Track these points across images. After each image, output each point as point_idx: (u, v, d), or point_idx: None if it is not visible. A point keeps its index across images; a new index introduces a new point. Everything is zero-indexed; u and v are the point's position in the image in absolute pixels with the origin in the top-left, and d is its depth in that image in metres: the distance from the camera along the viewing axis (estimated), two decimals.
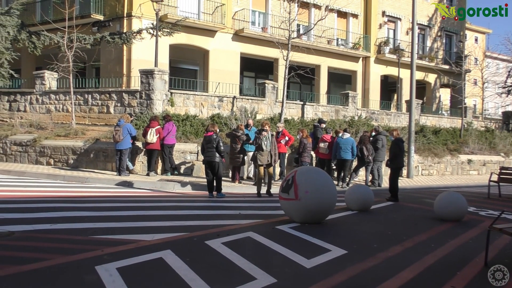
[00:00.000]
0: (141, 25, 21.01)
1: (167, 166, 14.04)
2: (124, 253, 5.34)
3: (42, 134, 16.41)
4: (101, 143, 15.00)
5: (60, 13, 19.44)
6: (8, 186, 11.13)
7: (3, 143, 16.45)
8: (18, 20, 20.06)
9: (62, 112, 18.69)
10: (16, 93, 20.01)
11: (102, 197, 10.23)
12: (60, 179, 13.10)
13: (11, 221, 6.94)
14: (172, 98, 17.60)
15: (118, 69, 21.71)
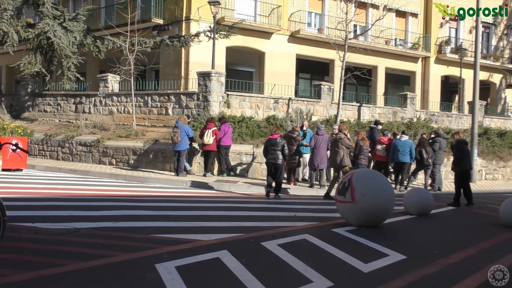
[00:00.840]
0: (199, 28, 21.43)
1: (223, 167, 14.24)
2: (183, 252, 5.47)
3: (105, 135, 17.09)
4: (160, 144, 15.43)
5: (123, 18, 20.16)
6: (74, 185, 11.68)
7: (69, 143, 17.28)
8: (84, 26, 21.02)
9: (124, 113, 19.37)
10: (81, 95, 20.94)
11: (161, 197, 10.52)
12: (121, 178, 13.59)
13: (77, 218, 7.27)
14: (229, 100, 17.82)
15: (176, 71, 22.24)
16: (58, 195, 9.80)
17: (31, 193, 9.88)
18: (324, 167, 13.31)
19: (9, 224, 5.32)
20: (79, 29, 20.66)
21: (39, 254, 5.15)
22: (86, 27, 21.32)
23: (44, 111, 22.15)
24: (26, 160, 14.34)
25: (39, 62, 20.26)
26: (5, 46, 19.84)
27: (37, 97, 22.69)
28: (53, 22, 19.95)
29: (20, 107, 23.11)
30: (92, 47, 21.16)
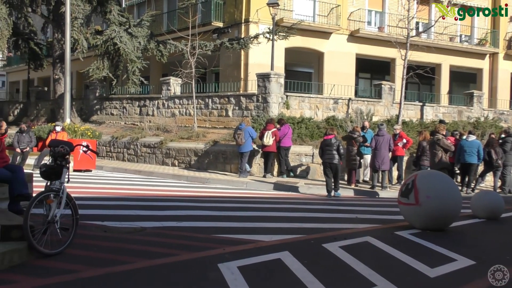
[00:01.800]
0: (258, 30, 21.59)
1: (283, 168, 14.27)
2: (244, 253, 5.54)
3: (168, 136, 17.59)
4: (221, 146, 15.69)
5: (184, 22, 20.66)
6: (139, 185, 12.11)
7: (134, 145, 17.93)
8: (147, 31, 21.77)
9: (185, 115, 19.86)
10: (145, 98, 21.69)
11: (222, 198, 10.70)
12: (184, 179, 13.94)
13: (143, 217, 7.55)
14: (288, 101, 17.83)
15: (236, 73, 22.52)
16: (125, 195, 10.21)
17: (100, 192, 10.35)
18: (386, 168, 13.02)
19: (80, 222, 5.62)
20: (143, 34, 21.42)
21: (109, 252, 5.39)
22: (149, 33, 22.06)
23: (111, 114, 23.12)
24: (95, 161, 15.04)
25: (107, 67, 21.19)
26: (75, 53, 20.89)
27: (104, 101, 23.73)
28: (119, 28, 20.80)
29: (89, 110, 24.25)
30: (155, 51, 21.87)
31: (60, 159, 5.53)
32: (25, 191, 6.91)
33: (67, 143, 5.77)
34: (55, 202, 5.26)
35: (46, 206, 5.33)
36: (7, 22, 20.00)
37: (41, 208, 5.34)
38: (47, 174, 5.51)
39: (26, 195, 6.87)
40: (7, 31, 20.12)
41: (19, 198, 6.83)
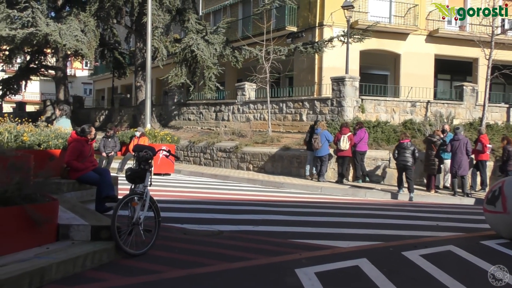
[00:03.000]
0: (332, 33, 21.42)
1: (359, 173, 14.02)
2: (321, 258, 5.52)
3: (243, 141, 17.87)
4: (295, 150, 15.70)
5: (258, 28, 20.95)
6: (216, 189, 12.40)
7: (210, 149, 18.39)
8: (223, 38, 22.29)
9: (260, 120, 20.08)
10: (221, 103, 22.18)
11: (297, 202, 10.70)
12: (258, 183, 14.08)
13: (220, 221, 7.73)
14: (363, 105, 17.51)
15: (310, 77, 22.46)
16: (202, 198, 10.49)
17: (179, 196, 10.71)
18: (464, 173, 12.44)
19: (161, 224, 5.86)
20: (219, 41, 21.95)
21: (189, 253, 5.57)
22: (225, 39, 22.58)
23: (188, 119, 23.86)
24: (173, 165, 15.59)
25: (184, 74, 21.92)
26: (156, 61, 21.82)
27: (182, 107, 24.54)
28: (197, 36, 21.46)
29: (167, 116, 25.19)
30: (230, 57, 22.34)
31: (143, 163, 5.80)
32: (111, 193, 7.33)
33: (150, 148, 6.03)
34: (139, 205, 5.53)
35: (131, 209, 5.62)
36: (95, 33, 21.32)
37: (126, 210, 5.64)
38: (131, 177, 5.80)
39: (112, 197, 7.28)
40: (95, 42, 21.44)
41: (106, 200, 7.25)
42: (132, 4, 20.99)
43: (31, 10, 19.43)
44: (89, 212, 6.05)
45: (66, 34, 19.60)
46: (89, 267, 4.74)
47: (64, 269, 4.44)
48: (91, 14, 21.12)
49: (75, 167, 7.29)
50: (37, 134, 7.95)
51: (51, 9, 24.00)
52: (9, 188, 4.69)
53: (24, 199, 4.78)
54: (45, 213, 4.90)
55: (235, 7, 27.97)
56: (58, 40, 19.34)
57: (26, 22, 19.24)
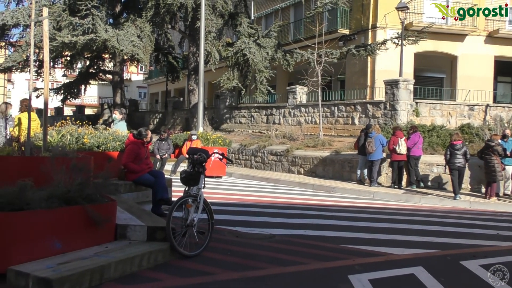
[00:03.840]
0: (385, 36, 21.05)
1: (413, 178, 13.67)
2: (375, 265, 5.42)
3: (294, 144, 17.83)
4: (347, 154, 15.51)
5: (310, 31, 20.85)
6: (267, 192, 12.43)
7: (261, 153, 18.47)
8: (275, 41, 22.37)
9: (311, 124, 19.98)
10: (272, 107, 22.25)
11: (349, 207, 10.56)
12: (309, 187, 14.01)
13: (272, 224, 7.74)
14: (417, 108, 17.07)
15: (362, 80, 22.16)
16: (254, 201, 10.55)
17: (230, 198, 10.82)
18: None
19: (214, 227, 5.93)
20: (270, 44, 22.04)
21: (241, 256, 5.62)
22: (277, 43, 22.65)
23: (240, 123, 24.08)
24: (225, 168, 15.77)
25: (236, 78, 22.16)
26: (208, 65, 22.17)
27: (233, 110, 24.80)
28: (249, 40, 21.65)
29: (219, 119, 25.52)
30: (282, 61, 22.38)
31: (198, 166, 5.91)
32: (165, 195, 7.51)
33: (204, 151, 6.13)
34: (193, 207, 5.63)
35: (185, 210, 5.74)
36: (150, 39, 21.94)
37: (181, 212, 5.76)
38: (186, 180, 5.92)
39: (166, 199, 7.46)
40: (150, 47, 22.06)
41: (160, 202, 7.44)
42: (186, 9, 21.43)
43: (92, 17, 20.22)
44: (145, 213, 6.22)
45: (123, 40, 20.28)
46: (145, 267, 4.87)
47: (122, 268, 4.59)
48: (147, 20, 21.74)
49: (131, 169, 7.52)
50: (96, 137, 8.28)
51: (109, 16, 24.90)
52: (72, 188, 4.90)
53: (85, 199, 4.98)
54: (104, 213, 5.08)
55: (286, 10, 28.02)
56: (116, 45, 20.03)
57: (87, 29, 20.05)
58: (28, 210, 4.37)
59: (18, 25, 21.82)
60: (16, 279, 4.04)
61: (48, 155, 5.69)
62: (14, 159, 5.65)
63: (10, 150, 5.84)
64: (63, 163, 5.16)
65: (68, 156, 5.72)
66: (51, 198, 4.69)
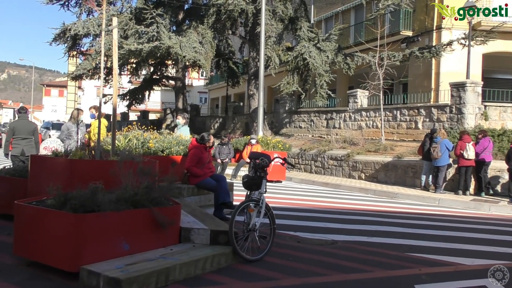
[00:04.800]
0: (451, 37, 20.33)
1: (482, 185, 13.07)
2: (443, 275, 5.21)
3: (354, 149, 17.54)
4: (410, 159, 15.06)
5: (371, 33, 20.49)
6: (327, 198, 12.31)
7: (321, 157, 18.31)
8: (335, 45, 22.15)
9: (372, 128, 19.59)
10: (332, 111, 22.01)
11: (412, 214, 10.24)
12: (371, 193, 13.72)
13: (333, 230, 7.64)
14: (486, 112, 16.32)
15: (426, 83, 21.48)
16: (314, 206, 10.47)
17: (291, 203, 10.79)
18: None
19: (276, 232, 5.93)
20: (331, 48, 21.86)
21: (303, 262, 5.58)
22: (337, 46, 22.42)
23: (299, 127, 24.00)
24: (285, 172, 15.76)
25: (296, 82, 22.12)
26: (268, 69, 22.29)
27: (293, 114, 24.75)
28: (309, 44, 21.57)
29: (279, 123, 25.57)
30: (342, 64, 22.12)
31: (260, 171, 5.94)
32: (227, 199, 7.59)
33: (266, 156, 6.15)
34: (255, 211, 5.65)
35: (247, 215, 5.77)
36: (211, 45, 22.35)
37: (242, 216, 5.80)
38: (248, 184, 5.96)
39: (228, 203, 7.54)
40: (211, 53, 22.47)
41: (222, 206, 7.53)
42: (247, 15, 21.67)
43: (156, 25, 20.88)
44: (208, 217, 6.31)
45: (185, 46, 20.78)
46: (208, 270, 4.94)
47: (186, 271, 4.68)
48: (208, 27, 22.18)
49: (194, 173, 7.67)
50: (161, 141, 8.52)
51: (173, 24, 25.61)
52: (139, 192, 5.06)
53: (151, 202, 5.12)
54: (169, 216, 5.21)
55: (347, 13, 27.69)
56: (179, 52, 20.56)
57: (152, 36, 20.72)
58: (99, 212, 4.55)
59: (88, 34, 22.90)
60: (88, 278, 4.22)
61: (116, 159, 5.91)
62: (85, 162, 5.90)
63: (82, 154, 6.11)
64: (130, 166, 5.34)
65: (134, 160, 5.93)
66: (120, 201, 4.86)
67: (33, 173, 6.22)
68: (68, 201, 4.60)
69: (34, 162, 6.29)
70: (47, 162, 6.22)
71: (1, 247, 5.44)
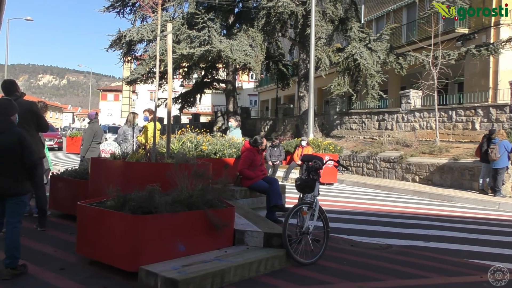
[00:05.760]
0: (510, 33, 19.47)
1: None
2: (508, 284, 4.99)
3: (408, 151, 17.13)
4: (467, 161, 14.55)
5: (425, 32, 19.96)
6: (380, 200, 12.07)
7: (373, 159, 17.99)
8: (387, 44, 21.74)
9: (426, 129, 19.05)
10: (384, 112, 21.58)
11: (471, 218, 9.88)
12: (426, 196, 13.35)
13: (388, 234, 7.49)
14: None
15: (483, 82, 20.69)
16: (367, 210, 10.30)
17: (343, 206, 10.66)
18: None
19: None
20: (382, 48, 21.46)
21: (358, 266, 5.50)
22: (389, 46, 21.98)
23: (350, 129, 23.69)
24: (336, 175, 15.60)
25: (347, 83, 21.87)
26: (318, 71, 22.14)
27: (344, 116, 24.46)
28: (359, 44, 21.28)
29: (329, 125, 25.34)
30: (394, 64, 21.67)
31: (313, 173, 5.90)
32: (279, 202, 7.61)
33: (319, 158, 6.11)
34: (309, 214, 5.63)
35: (300, 218, 5.76)
36: (261, 47, 22.47)
37: (295, 219, 5.79)
38: (301, 187, 5.94)
39: (280, 206, 7.55)
40: (262, 56, 22.58)
41: (274, 208, 7.55)
42: (296, 16, 21.63)
43: (207, 29, 21.23)
44: (261, 219, 6.34)
45: (236, 50, 20.99)
46: (262, 273, 4.96)
47: (241, 273, 4.72)
48: (258, 29, 22.30)
49: (247, 175, 7.74)
50: (213, 144, 8.65)
51: (223, 27, 25.93)
52: (194, 194, 5.15)
53: (206, 204, 5.20)
54: (223, 218, 5.27)
55: (398, 12, 27.09)
56: (230, 55, 20.80)
57: (203, 40, 21.07)
58: (156, 214, 4.67)
59: (142, 40, 23.58)
60: (146, 278, 4.33)
61: (171, 162, 6.04)
62: (141, 165, 6.07)
63: (139, 157, 6.29)
64: (185, 169, 5.45)
65: (189, 162, 6.04)
66: (175, 203, 4.97)
67: (93, 175, 6.47)
68: (127, 202, 4.75)
69: (94, 164, 6.54)
70: (106, 165, 6.45)
71: (65, 246, 5.68)
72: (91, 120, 10.58)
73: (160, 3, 6.42)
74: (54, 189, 7.88)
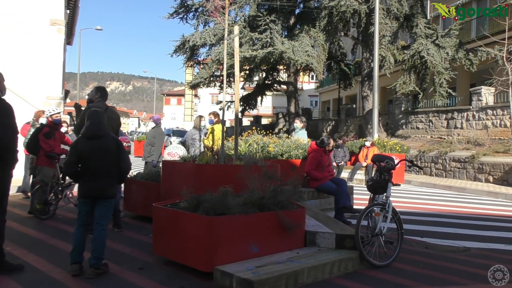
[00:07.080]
0: None
1: None
2: None
3: (480, 150, 16.37)
4: None
5: (497, 26, 19.01)
6: (452, 202, 11.61)
7: (442, 159, 17.33)
8: (456, 40, 20.88)
9: (499, 127, 18.12)
10: (452, 110, 20.75)
11: None
12: (501, 197, 12.69)
13: (464, 236, 7.18)
14: None
15: None
16: (439, 211, 9.93)
17: (413, 207, 10.34)
18: None
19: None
20: (450, 44, 20.66)
21: (434, 269, 5.30)
22: (458, 41, 21.11)
23: (416, 128, 22.96)
24: (403, 175, 15.16)
25: (413, 81, 21.22)
26: (382, 70, 21.64)
27: (409, 115, 23.75)
28: (426, 41, 20.59)
29: (394, 125, 24.69)
30: (463, 60, 20.80)
31: (385, 174, 5.76)
32: (348, 203, 7.49)
33: (391, 158, 5.95)
34: (381, 216, 5.49)
35: (371, 219, 5.63)
36: (323, 47, 22.27)
37: (366, 220, 5.66)
38: (373, 187, 5.81)
39: (349, 207, 7.44)
40: (324, 56, 22.38)
41: (343, 210, 7.45)
42: (359, 15, 21.24)
43: (269, 31, 21.31)
44: (331, 221, 6.26)
45: (298, 51, 20.93)
46: (335, 275, 4.89)
47: (314, 274, 4.67)
48: (320, 30, 22.10)
49: (314, 177, 7.68)
50: (280, 145, 8.66)
51: (284, 29, 25.92)
52: (266, 195, 5.17)
53: (277, 206, 5.20)
54: (294, 220, 5.25)
55: (468, 6, 25.91)
56: (292, 56, 20.76)
57: (265, 42, 21.17)
58: (229, 215, 4.71)
59: (205, 44, 24.05)
60: (221, 278, 4.38)
61: (240, 164, 6.10)
62: (211, 167, 6.17)
63: (208, 159, 6.40)
64: (255, 171, 5.48)
65: (258, 164, 6.07)
66: (247, 204, 5.00)
67: (165, 177, 6.65)
68: (201, 204, 4.84)
69: (166, 167, 6.72)
70: (177, 167, 6.62)
71: (142, 246, 5.87)
72: (157, 124, 10.87)
73: (228, 6, 6.50)
74: (127, 191, 8.16)
